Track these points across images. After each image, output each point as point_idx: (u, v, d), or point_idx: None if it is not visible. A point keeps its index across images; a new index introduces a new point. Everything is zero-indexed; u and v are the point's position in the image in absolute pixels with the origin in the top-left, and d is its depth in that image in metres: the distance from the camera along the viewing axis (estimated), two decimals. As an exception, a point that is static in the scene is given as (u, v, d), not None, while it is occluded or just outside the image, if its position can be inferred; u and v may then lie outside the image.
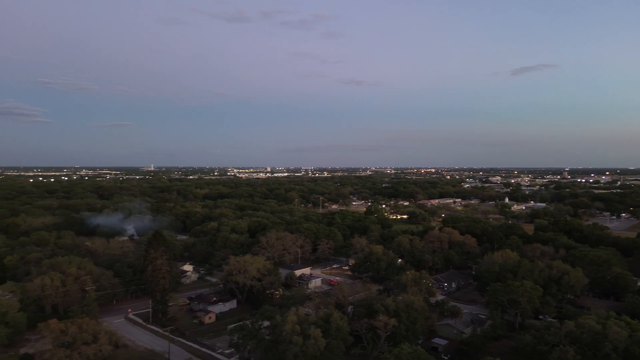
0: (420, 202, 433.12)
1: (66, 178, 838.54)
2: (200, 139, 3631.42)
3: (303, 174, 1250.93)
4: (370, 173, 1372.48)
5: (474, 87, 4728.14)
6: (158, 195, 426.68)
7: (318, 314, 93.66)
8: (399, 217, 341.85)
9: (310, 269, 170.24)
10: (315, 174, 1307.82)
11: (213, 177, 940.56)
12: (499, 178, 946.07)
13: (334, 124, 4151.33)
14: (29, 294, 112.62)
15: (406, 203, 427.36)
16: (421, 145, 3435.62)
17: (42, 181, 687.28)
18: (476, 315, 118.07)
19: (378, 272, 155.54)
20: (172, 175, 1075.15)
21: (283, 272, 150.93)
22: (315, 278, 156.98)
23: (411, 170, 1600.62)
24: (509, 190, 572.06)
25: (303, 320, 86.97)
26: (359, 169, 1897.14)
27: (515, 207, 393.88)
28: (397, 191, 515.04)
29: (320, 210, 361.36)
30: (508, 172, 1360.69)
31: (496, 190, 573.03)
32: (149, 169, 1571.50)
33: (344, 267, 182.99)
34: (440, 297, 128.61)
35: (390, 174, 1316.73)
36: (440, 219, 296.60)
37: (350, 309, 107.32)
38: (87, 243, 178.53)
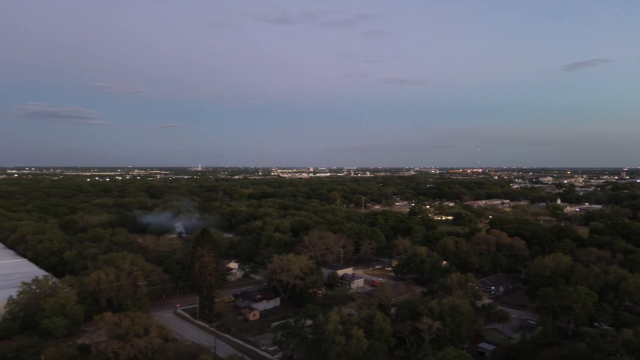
0: (466, 203, 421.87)
1: (120, 178, 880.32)
2: (245, 140, 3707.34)
3: (345, 174, 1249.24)
4: (413, 173, 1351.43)
5: (524, 84, 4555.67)
6: (205, 194, 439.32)
7: (360, 315, 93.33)
8: (443, 218, 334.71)
9: (353, 269, 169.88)
10: (357, 174, 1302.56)
11: (257, 177, 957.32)
12: (550, 178, 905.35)
13: (377, 124, 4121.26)
14: (85, 287, 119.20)
15: (451, 204, 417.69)
16: (467, 145, 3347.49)
17: (98, 180, 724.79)
18: (525, 321, 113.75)
19: (422, 273, 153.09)
20: (219, 175, 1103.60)
21: (325, 272, 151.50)
22: (358, 278, 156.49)
23: (457, 171, 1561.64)
24: (561, 191, 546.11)
25: (345, 320, 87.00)
26: (402, 169, 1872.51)
27: (568, 209, 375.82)
28: (441, 192, 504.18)
29: (363, 211, 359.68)
30: (560, 172, 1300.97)
31: (547, 191, 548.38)
32: (197, 169, 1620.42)
33: (386, 268, 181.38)
34: (487, 301, 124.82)
35: (435, 174, 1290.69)
36: (487, 221, 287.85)
37: (393, 310, 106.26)
38: (139, 240, 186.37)
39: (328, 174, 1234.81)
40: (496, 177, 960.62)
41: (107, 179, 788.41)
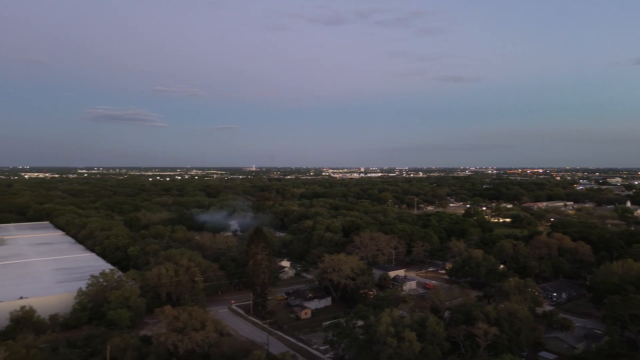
0: (526, 204, 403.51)
1: (179, 177, 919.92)
2: (297, 141, 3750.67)
3: (397, 174, 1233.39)
4: (469, 173, 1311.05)
5: (589, 79, 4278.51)
6: (259, 194, 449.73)
7: (413, 317, 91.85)
8: (500, 221, 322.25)
9: (405, 270, 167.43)
10: (409, 174, 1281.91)
11: (309, 177, 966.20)
12: (619, 179, 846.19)
13: (431, 123, 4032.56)
14: (147, 281, 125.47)
15: (509, 205, 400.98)
16: (527, 144, 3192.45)
17: (159, 180, 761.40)
18: (590, 330, 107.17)
19: (477, 277, 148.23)
20: (272, 175, 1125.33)
21: (377, 273, 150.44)
22: (410, 280, 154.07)
23: (515, 171, 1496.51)
24: (631, 192, 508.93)
25: (397, 322, 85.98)
26: (456, 169, 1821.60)
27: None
28: (499, 193, 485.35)
29: (415, 212, 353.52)
30: (630, 173, 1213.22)
31: (615, 193, 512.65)
32: (251, 169, 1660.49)
33: (440, 271, 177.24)
34: (548, 308, 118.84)
35: (492, 174, 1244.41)
36: (548, 224, 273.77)
37: (447, 314, 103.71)
38: (197, 237, 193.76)
39: (379, 174, 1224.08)
40: (558, 178, 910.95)
41: (167, 179, 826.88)
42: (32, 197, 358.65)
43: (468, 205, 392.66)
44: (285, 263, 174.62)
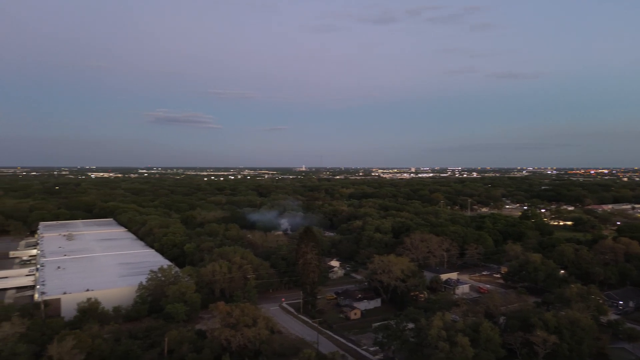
0: (589, 207, 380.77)
1: (232, 177, 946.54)
2: (347, 141, 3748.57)
3: (449, 175, 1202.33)
4: (526, 174, 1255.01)
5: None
6: (308, 193, 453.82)
7: (466, 322, 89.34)
8: (561, 224, 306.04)
9: (457, 274, 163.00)
10: (462, 174, 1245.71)
11: (358, 177, 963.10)
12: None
13: (485, 122, 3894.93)
14: (202, 277, 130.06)
15: (570, 208, 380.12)
16: (590, 143, 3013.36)
17: (213, 180, 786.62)
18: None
19: (535, 282, 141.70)
20: (321, 175, 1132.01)
21: (428, 275, 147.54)
22: (463, 284, 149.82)
23: (577, 171, 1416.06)
24: None
25: (449, 327, 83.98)
26: (513, 169, 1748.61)
27: None
28: (559, 194, 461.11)
29: (468, 213, 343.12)
30: None
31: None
32: (301, 169, 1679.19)
33: (494, 275, 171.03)
34: (613, 317, 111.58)
35: (551, 175, 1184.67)
36: (614, 228, 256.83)
37: (502, 319, 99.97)
38: (249, 235, 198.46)
39: (431, 175, 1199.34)
40: (625, 179, 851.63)
41: (221, 179, 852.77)
42: (98, 196, 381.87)
43: (525, 207, 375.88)
44: (335, 263, 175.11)
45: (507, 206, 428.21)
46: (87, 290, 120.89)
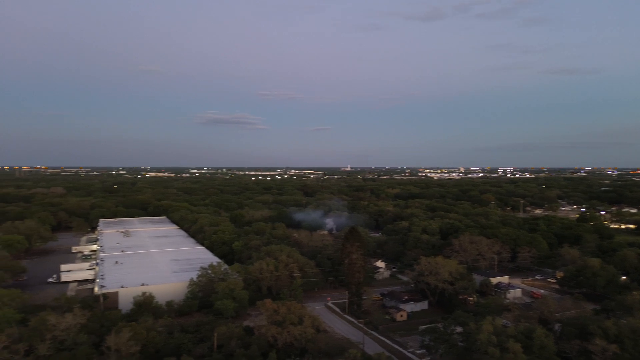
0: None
1: (279, 177, 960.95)
2: (393, 140, 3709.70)
3: (500, 175, 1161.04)
4: (584, 174, 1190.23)
5: None
6: (353, 193, 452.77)
7: (518, 327, 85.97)
8: (623, 227, 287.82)
9: (509, 277, 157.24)
10: (515, 174, 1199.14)
11: (404, 177, 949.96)
12: None
13: (538, 119, 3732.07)
14: (250, 275, 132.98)
15: (633, 210, 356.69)
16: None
17: (261, 179, 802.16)
18: None
19: (593, 288, 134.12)
20: (366, 175, 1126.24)
21: (477, 278, 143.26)
22: (515, 288, 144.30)
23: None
24: None
25: (500, 332, 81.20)
26: (569, 169, 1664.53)
27: None
28: (621, 196, 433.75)
29: (521, 215, 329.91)
30: None
31: None
32: (346, 169, 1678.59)
33: (549, 280, 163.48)
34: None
35: (612, 175, 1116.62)
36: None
37: (557, 326, 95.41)
38: (295, 234, 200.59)
39: (480, 175, 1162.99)
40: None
41: (268, 178, 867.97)
42: (152, 194, 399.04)
43: (583, 209, 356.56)
44: (380, 264, 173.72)
45: (563, 208, 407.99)
46: (142, 284, 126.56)
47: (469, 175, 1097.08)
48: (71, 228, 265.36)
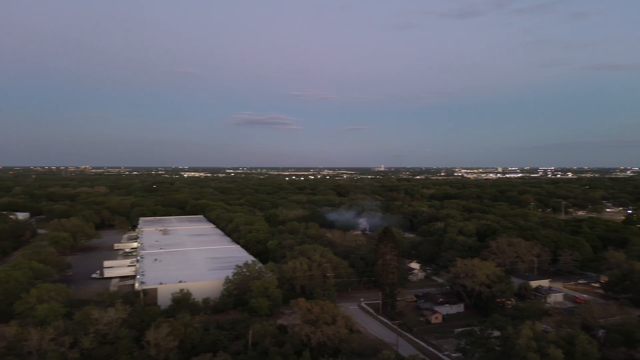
0: None
1: (312, 177, 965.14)
2: (428, 140, 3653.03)
3: (540, 175, 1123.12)
4: (631, 174, 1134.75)
5: None
6: (387, 193, 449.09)
7: (559, 333, 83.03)
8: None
9: (549, 281, 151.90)
10: (556, 174, 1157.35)
11: (439, 178, 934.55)
12: None
13: (580, 118, 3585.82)
14: (284, 274, 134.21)
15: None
16: None
17: (294, 179, 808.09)
18: None
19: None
20: (401, 175, 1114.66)
21: (516, 282, 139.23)
22: (555, 292, 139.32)
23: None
24: None
25: (540, 337, 78.64)
26: (615, 169, 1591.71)
27: None
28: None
29: (562, 216, 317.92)
30: None
31: None
32: (380, 169, 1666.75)
33: (592, 284, 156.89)
34: None
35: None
36: None
37: (601, 333, 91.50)
38: (328, 234, 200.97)
39: (519, 175, 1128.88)
40: None
41: (302, 178, 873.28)
42: (190, 194, 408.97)
43: (630, 211, 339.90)
44: (415, 265, 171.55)
45: (608, 209, 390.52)
46: (180, 281, 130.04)
47: (507, 176, 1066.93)
48: (113, 226, 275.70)
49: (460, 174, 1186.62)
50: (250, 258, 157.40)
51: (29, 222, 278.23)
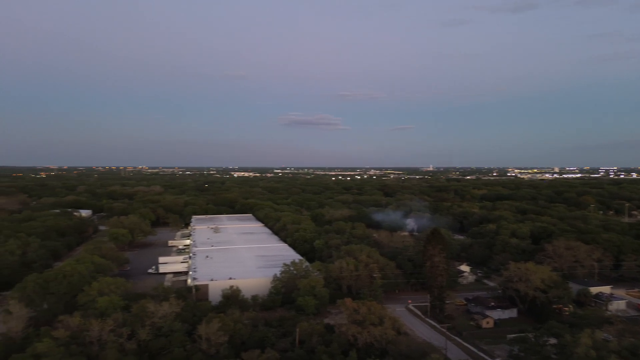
0: None
1: (358, 177, 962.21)
2: (479, 139, 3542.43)
3: (602, 175, 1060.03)
4: None
5: None
6: (435, 194, 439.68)
7: (622, 343, 78.08)
8: None
9: (611, 288, 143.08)
10: (619, 175, 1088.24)
11: (491, 178, 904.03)
12: None
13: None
14: (330, 273, 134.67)
15: None
16: None
17: (341, 179, 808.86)
18: None
19: None
20: (450, 175, 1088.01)
21: (574, 287, 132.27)
22: (618, 299, 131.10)
23: None
24: None
25: (600, 346, 74.34)
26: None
27: None
28: None
29: (626, 219, 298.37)
30: None
31: None
32: (428, 169, 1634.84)
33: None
34: None
35: None
36: None
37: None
38: (375, 234, 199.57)
39: (578, 175, 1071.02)
40: None
41: (348, 178, 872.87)
42: (239, 193, 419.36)
43: None
44: (465, 267, 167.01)
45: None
46: (230, 278, 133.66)
47: (565, 176, 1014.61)
48: (168, 223, 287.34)
49: (513, 174, 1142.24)
50: (297, 257, 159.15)
51: (92, 219, 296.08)
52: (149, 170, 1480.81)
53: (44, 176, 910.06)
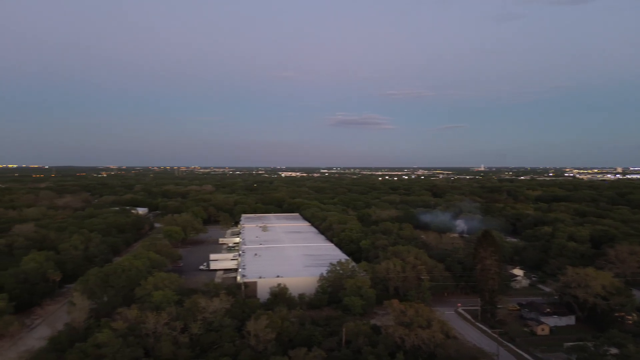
0: None
1: (406, 177, 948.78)
2: (534, 138, 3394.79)
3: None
4: None
5: None
6: (487, 195, 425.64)
7: (694, 357, 72.46)
8: None
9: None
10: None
11: (547, 178, 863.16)
12: None
13: None
14: (377, 274, 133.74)
15: None
16: None
17: (388, 179, 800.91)
18: None
19: None
20: (502, 175, 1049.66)
21: (638, 295, 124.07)
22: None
23: None
24: None
25: (669, 360, 69.33)
26: None
27: None
28: None
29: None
30: None
31: None
32: (479, 169, 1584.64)
33: None
34: None
35: None
36: None
37: None
38: (422, 236, 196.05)
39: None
40: None
41: (395, 178, 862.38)
42: (287, 193, 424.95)
43: None
44: (518, 271, 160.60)
45: None
46: (278, 276, 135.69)
47: (629, 177, 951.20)
48: (218, 222, 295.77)
49: (571, 175, 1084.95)
50: (343, 257, 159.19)
51: (148, 216, 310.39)
52: (201, 170, 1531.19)
53: (104, 176, 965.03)
